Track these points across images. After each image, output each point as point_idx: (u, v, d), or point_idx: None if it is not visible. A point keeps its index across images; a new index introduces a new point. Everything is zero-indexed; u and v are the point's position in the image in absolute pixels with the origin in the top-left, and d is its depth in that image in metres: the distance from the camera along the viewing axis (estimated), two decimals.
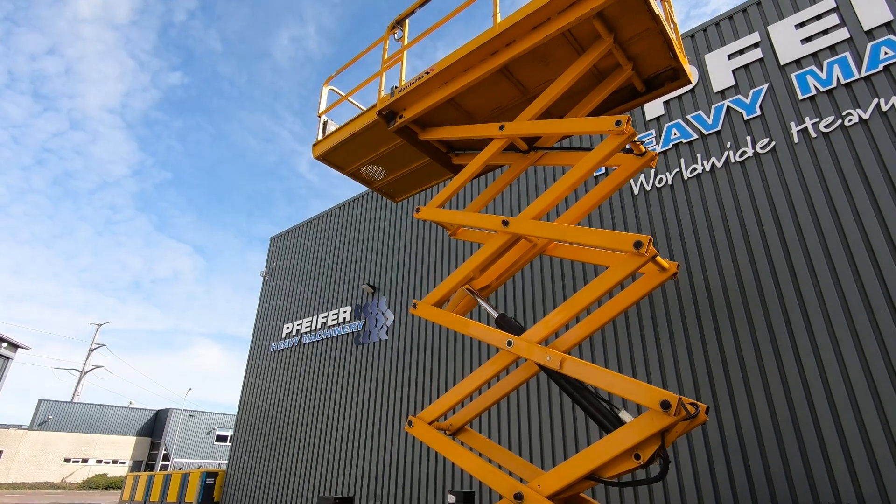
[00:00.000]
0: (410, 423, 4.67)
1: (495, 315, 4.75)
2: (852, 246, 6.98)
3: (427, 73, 4.93)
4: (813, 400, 6.46)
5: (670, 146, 9.12)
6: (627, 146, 4.49)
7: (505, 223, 4.52)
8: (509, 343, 4.23)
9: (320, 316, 15.22)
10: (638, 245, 3.73)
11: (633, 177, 4.76)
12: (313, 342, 15.07)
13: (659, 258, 3.99)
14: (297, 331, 15.83)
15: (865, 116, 7.43)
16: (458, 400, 4.56)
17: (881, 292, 6.57)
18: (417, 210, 5.31)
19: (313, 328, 15.29)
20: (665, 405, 3.34)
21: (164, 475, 17.53)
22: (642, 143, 4.36)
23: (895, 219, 6.79)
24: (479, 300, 4.98)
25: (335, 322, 14.60)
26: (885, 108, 7.32)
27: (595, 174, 9.65)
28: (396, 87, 5.23)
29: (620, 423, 3.78)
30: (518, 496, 3.80)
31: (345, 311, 14.44)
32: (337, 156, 6.05)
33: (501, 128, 4.80)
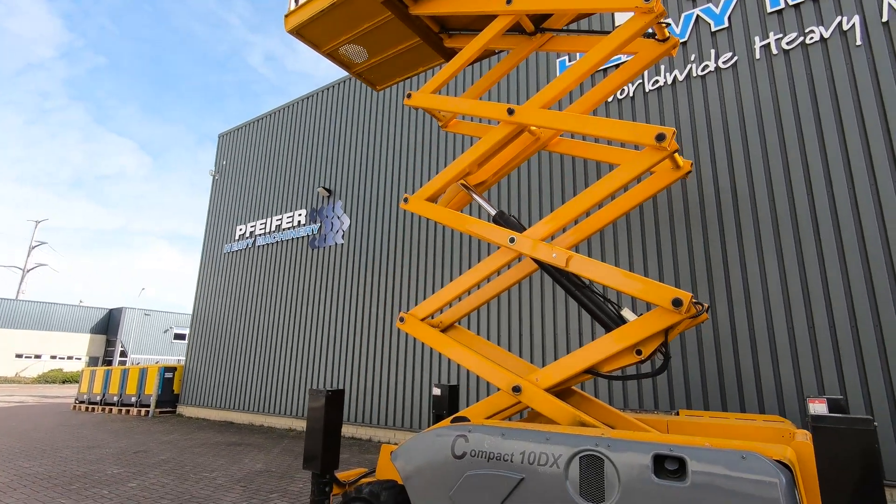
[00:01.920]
0: (402, 320, 4.39)
1: (493, 212, 4.37)
2: (792, 170, 6.95)
3: None
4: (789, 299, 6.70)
5: (623, 60, 8.52)
6: (650, 29, 3.97)
7: (510, 112, 4.01)
8: (511, 240, 3.90)
9: (274, 218, 14.53)
10: (660, 138, 3.35)
11: (651, 66, 4.30)
12: (267, 244, 14.50)
13: (676, 155, 3.65)
14: (251, 233, 15.14)
15: (826, 35, 7.04)
16: (452, 297, 4.28)
17: (808, 214, 6.68)
18: (408, 96, 4.67)
19: (267, 230, 14.64)
20: (677, 303, 3.16)
21: (121, 370, 17.16)
22: (667, 25, 3.85)
23: (835, 146, 6.71)
24: (474, 196, 4.56)
25: (290, 225, 14.01)
26: (846, 27, 6.95)
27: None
28: None
29: (623, 321, 3.62)
30: (516, 389, 3.66)
31: (300, 214, 13.81)
32: (313, 31, 5.15)
33: (509, 1, 4.12)
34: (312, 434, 3.93)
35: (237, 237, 15.68)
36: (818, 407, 3.41)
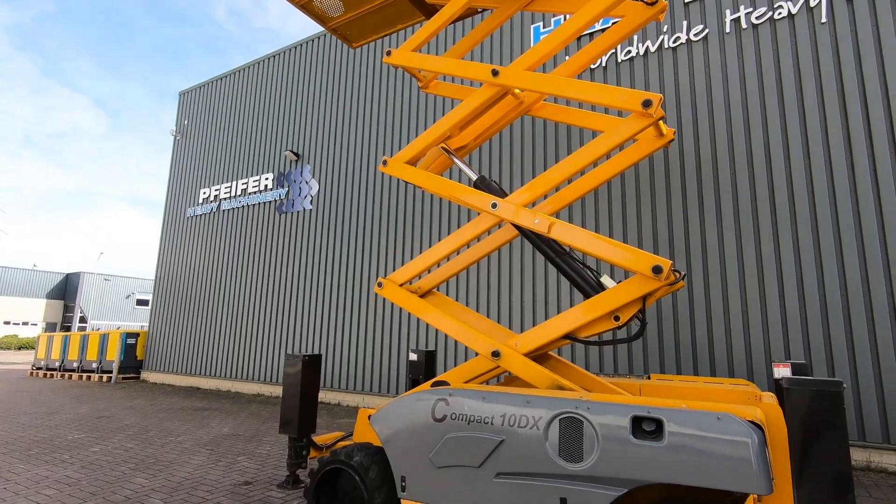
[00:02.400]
0: (380, 285, 4.29)
1: (474, 177, 4.27)
2: (753, 148, 7.10)
3: None
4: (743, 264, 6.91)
5: (609, 24, 8.46)
6: None
7: (495, 73, 3.87)
8: (494, 205, 3.82)
9: (240, 182, 14.05)
10: (647, 104, 3.29)
11: (638, 31, 4.21)
12: (233, 209, 14.06)
13: (660, 122, 3.62)
14: (216, 196, 14.62)
15: (794, 10, 7.09)
16: (431, 263, 4.20)
17: (767, 192, 6.88)
18: (388, 53, 4.45)
19: (233, 194, 14.16)
20: (657, 270, 3.16)
21: (81, 335, 16.56)
22: None
23: (795, 121, 6.86)
24: (455, 160, 4.44)
25: (256, 189, 13.58)
26: (812, 3, 7.00)
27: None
28: None
29: (602, 287, 3.63)
30: (496, 354, 3.66)
31: (266, 178, 13.40)
32: None
33: None
34: (289, 398, 3.85)
35: (201, 201, 15.10)
36: (782, 370, 3.55)
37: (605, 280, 3.63)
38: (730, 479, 2.37)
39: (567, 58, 6.30)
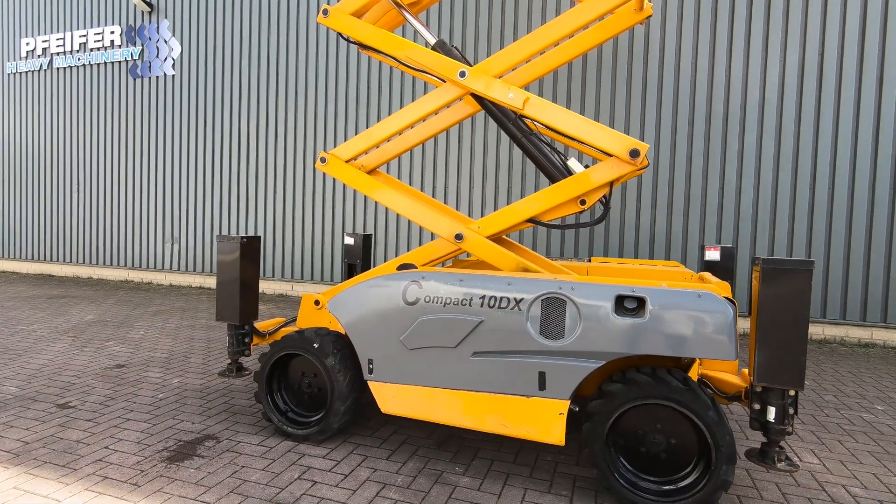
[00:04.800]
0: (324, 161, 3.71)
1: (432, 41, 3.69)
2: (718, 36, 7.22)
3: None
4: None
5: None
6: None
7: None
8: (462, 74, 3.36)
9: (77, 33, 11.24)
10: None
11: None
12: (70, 67, 11.38)
13: None
14: (45, 50, 11.62)
15: None
16: (383, 138, 3.69)
17: (707, 82, 7.21)
18: None
19: (68, 49, 11.34)
20: (634, 153, 3.09)
21: None
22: None
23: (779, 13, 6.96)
24: (409, 18, 3.76)
25: (99, 45, 11.01)
26: None
27: None
28: None
29: (569, 171, 3.51)
30: (459, 236, 3.45)
31: (112, 32, 10.87)
32: None
33: None
34: (226, 284, 3.32)
35: (24, 54, 11.88)
36: (713, 253, 3.88)
37: (573, 164, 3.50)
38: (705, 348, 2.55)
39: None
